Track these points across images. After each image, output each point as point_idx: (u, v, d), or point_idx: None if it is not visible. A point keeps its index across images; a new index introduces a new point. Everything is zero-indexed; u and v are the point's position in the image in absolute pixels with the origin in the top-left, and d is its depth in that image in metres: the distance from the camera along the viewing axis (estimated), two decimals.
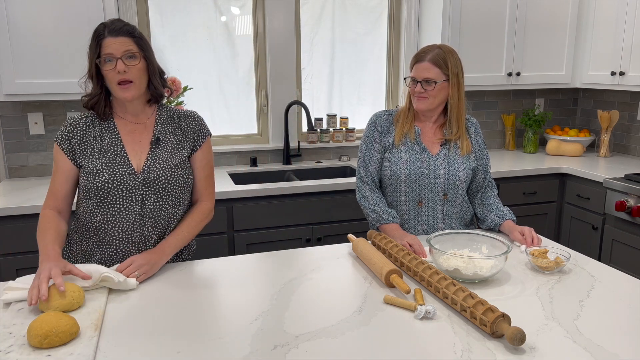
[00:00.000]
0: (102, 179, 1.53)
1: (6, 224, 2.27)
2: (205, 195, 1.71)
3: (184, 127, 1.66)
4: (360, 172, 1.95)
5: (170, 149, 1.62)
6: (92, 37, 1.53)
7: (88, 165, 1.55)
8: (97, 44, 1.51)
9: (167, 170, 1.59)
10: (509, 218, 1.87)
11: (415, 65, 1.83)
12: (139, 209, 1.57)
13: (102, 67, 1.51)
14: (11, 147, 2.78)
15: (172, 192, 1.60)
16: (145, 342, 1.15)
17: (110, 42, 1.49)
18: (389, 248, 1.60)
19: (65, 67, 2.49)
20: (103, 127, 1.59)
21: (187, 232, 1.63)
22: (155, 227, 1.60)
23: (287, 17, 3.07)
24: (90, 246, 1.62)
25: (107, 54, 1.49)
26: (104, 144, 1.57)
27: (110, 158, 1.56)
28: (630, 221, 2.62)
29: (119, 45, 1.50)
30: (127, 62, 1.50)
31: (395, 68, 3.43)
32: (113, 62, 1.50)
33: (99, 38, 1.50)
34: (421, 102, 1.83)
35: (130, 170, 1.56)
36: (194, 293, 1.40)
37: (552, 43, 3.27)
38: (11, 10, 2.38)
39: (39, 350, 1.09)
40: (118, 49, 1.49)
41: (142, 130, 1.62)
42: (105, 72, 1.52)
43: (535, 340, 1.14)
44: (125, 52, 1.50)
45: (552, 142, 3.41)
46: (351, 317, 1.26)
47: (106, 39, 1.50)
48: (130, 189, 1.55)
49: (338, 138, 3.30)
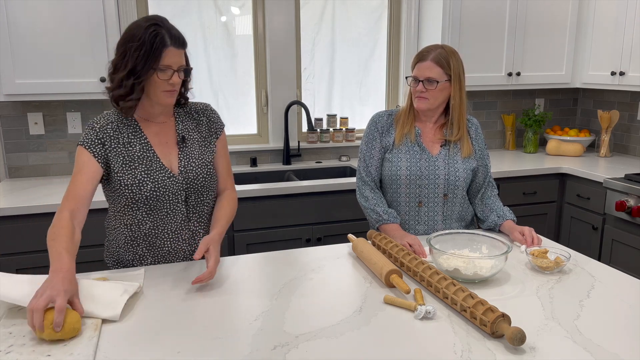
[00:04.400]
0: (147, 188, 1.53)
1: (6, 224, 2.27)
2: (229, 183, 1.74)
3: (205, 122, 1.67)
4: (360, 172, 1.95)
5: (198, 146, 1.63)
6: (149, 39, 1.43)
7: (125, 176, 1.52)
8: (160, 53, 1.44)
9: (203, 168, 1.62)
10: (509, 218, 1.87)
11: (418, 65, 1.83)
12: (184, 209, 1.60)
13: (157, 75, 1.46)
14: (11, 147, 2.78)
15: (210, 187, 1.65)
16: (145, 342, 1.15)
17: (172, 53, 1.46)
18: (389, 248, 1.60)
19: (65, 67, 2.49)
20: (129, 132, 1.56)
21: (226, 224, 1.62)
22: (200, 221, 1.65)
23: (287, 17, 3.07)
24: (139, 252, 1.63)
25: (167, 65, 1.46)
26: (135, 151, 1.54)
27: (147, 165, 1.54)
28: (630, 221, 2.62)
29: (179, 58, 1.48)
30: (180, 75, 1.50)
31: (395, 68, 3.43)
32: (168, 73, 1.47)
33: (163, 45, 1.44)
34: (422, 102, 1.83)
35: (169, 174, 1.56)
36: (194, 293, 1.39)
37: (552, 43, 3.27)
38: (11, 10, 2.38)
39: (39, 350, 1.09)
40: (177, 62, 1.48)
41: (166, 131, 1.61)
42: (155, 79, 1.47)
43: (535, 340, 1.14)
44: (181, 66, 1.50)
45: (552, 142, 3.41)
46: (351, 317, 1.25)
47: (169, 48, 1.45)
48: (174, 192, 1.57)
49: (338, 138, 3.30)
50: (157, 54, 1.44)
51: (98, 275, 1.50)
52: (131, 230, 1.60)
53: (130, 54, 1.44)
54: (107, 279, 1.42)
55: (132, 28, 1.48)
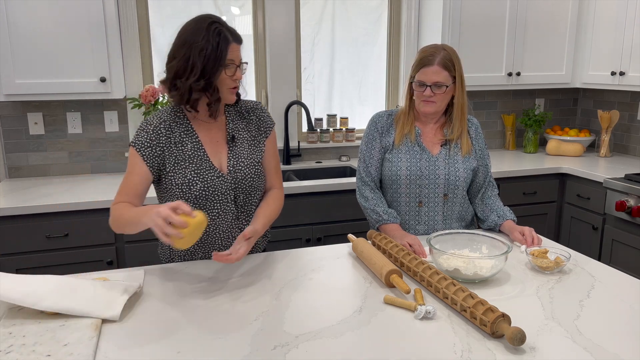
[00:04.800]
0: (196, 187, 1.54)
1: (6, 224, 2.27)
2: (277, 182, 1.74)
3: (254, 121, 1.68)
4: (360, 172, 1.95)
5: (247, 146, 1.64)
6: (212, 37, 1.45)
7: (176, 176, 1.54)
8: (226, 49, 1.47)
9: (252, 168, 1.62)
10: (509, 218, 1.87)
11: (423, 69, 1.79)
12: (234, 208, 1.61)
13: (225, 72, 1.48)
14: (11, 147, 2.78)
15: (259, 187, 1.66)
16: (145, 342, 1.15)
17: (234, 48, 1.50)
18: (389, 248, 1.60)
19: (65, 67, 2.49)
20: (182, 130, 1.57)
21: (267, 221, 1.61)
22: (249, 220, 1.65)
23: (287, 17, 3.07)
24: (191, 249, 1.65)
25: (231, 60, 1.49)
26: (186, 150, 1.55)
27: (197, 164, 1.55)
28: (630, 221, 2.62)
29: (239, 52, 1.52)
30: (242, 69, 1.53)
31: (395, 68, 3.43)
32: (233, 69, 1.50)
33: (227, 42, 1.47)
34: (430, 106, 1.82)
35: (218, 174, 1.57)
36: (194, 293, 1.39)
37: (552, 43, 3.27)
38: (11, 11, 2.38)
39: (39, 350, 1.09)
40: (238, 57, 1.52)
41: (217, 129, 1.61)
42: (223, 77, 1.49)
43: (535, 340, 1.14)
44: (241, 60, 1.53)
45: (552, 142, 3.41)
46: (351, 317, 1.25)
47: (232, 44, 1.49)
48: (223, 191, 1.58)
49: (338, 138, 3.30)
50: (223, 51, 1.46)
51: (98, 275, 1.50)
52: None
53: (196, 56, 1.45)
54: (107, 279, 1.42)
55: (190, 29, 1.49)
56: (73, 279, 1.35)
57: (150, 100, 2.72)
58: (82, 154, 2.89)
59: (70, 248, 2.37)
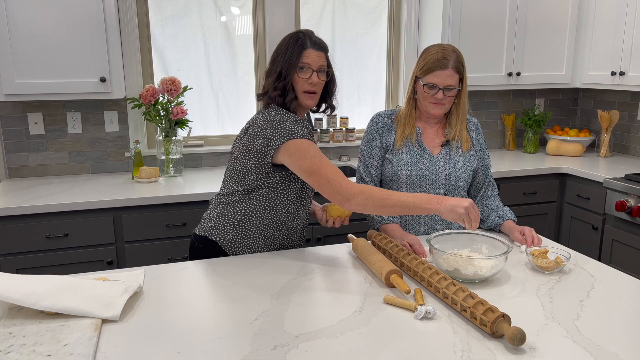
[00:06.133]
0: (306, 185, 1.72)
1: (6, 224, 2.28)
2: None
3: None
4: (360, 172, 1.95)
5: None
6: (291, 44, 1.62)
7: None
8: (300, 53, 1.61)
9: None
10: (509, 218, 1.87)
11: (437, 72, 1.77)
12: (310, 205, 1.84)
13: (297, 74, 1.62)
14: (11, 147, 2.78)
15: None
16: (145, 342, 1.15)
17: (311, 53, 1.62)
18: (389, 248, 1.60)
19: (65, 67, 2.49)
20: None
21: None
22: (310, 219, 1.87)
23: (287, 17, 3.07)
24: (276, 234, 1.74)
25: (306, 63, 1.62)
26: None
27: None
28: (630, 221, 2.62)
29: (318, 58, 1.64)
30: (319, 76, 1.64)
31: (395, 68, 3.43)
32: (308, 72, 1.63)
33: (302, 47, 1.62)
34: (440, 108, 1.83)
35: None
36: (194, 293, 1.40)
37: (552, 43, 3.27)
38: (11, 11, 2.38)
39: (39, 350, 1.09)
40: (316, 62, 1.63)
41: None
42: (296, 78, 1.63)
43: (535, 340, 1.14)
44: (321, 67, 1.65)
45: (552, 142, 3.41)
46: (351, 317, 1.26)
47: (308, 49, 1.62)
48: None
49: (338, 138, 3.30)
50: (297, 54, 1.61)
51: (98, 275, 1.50)
52: (285, 217, 1.72)
53: (279, 60, 1.65)
54: (107, 279, 1.42)
55: (281, 41, 1.68)
56: (73, 278, 1.35)
57: (150, 100, 2.72)
58: (82, 154, 2.89)
59: (70, 248, 2.37)
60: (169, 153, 2.83)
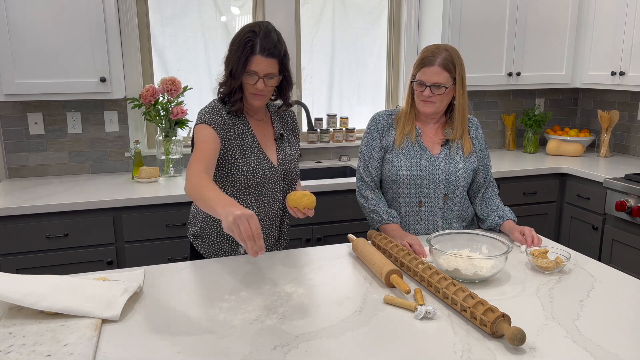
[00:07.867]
0: (258, 175, 1.68)
1: (6, 224, 2.28)
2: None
3: (290, 123, 1.86)
4: (360, 172, 1.95)
5: (289, 143, 1.82)
6: (242, 45, 1.58)
7: (242, 163, 1.67)
8: (247, 59, 1.58)
9: (294, 163, 1.81)
10: (509, 218, 1.87)
11: (424, 69, 1.79)
12: (282, 198, 1.78)
13: (244, 78, 1.62)
14: (11, 147, 2.78)
15: (296, 181, 1.84)
16: (145, 342, 1.15)
17: (259, 61, 1.59)
18: (389, 248, 1.60)
19: (65, 67, 2.49)
20: (241, 123, 1.70)
21: None
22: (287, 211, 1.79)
23: (287, 17, 3.07)
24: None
25: (252, 71, 1.60)
26: (247, 141, 1.69)
27: (256, 155, 1.70)
28: (630, 221, 2.62)
29: (266, 66, 1.60)
30: (266, 82, 1.62)
31: (395, 68, 3.43)
32: (254, 78, 1.61)
33: (251, 52, 1.58)
34: (429, 106, 1.82)
35: (271, 165, 1.72)
36: (194, 293, 1.39)
37: (552, 43, 3.27)
38: (11, 11, 2.38)
39: (39, 350, 1.09)
40: (263, 70, 1.60)
41: (264, 126, 1.77)
42: (244, 81, 1.63)
43: (535, 340, 1.14)
44: (268, 74, 1.61)
45: (552, 142, 3.41)
46: (351, 317, 1.25)
47: (256, 56, 1.58)
48: (275, 181, 1.74)
49: (338, 138, 3.30)
50: (244, 60, 1.58)
51: (98, 275, 1.50)
52: None
53: (231, 57, 1.63)
54: (107, 279, 1.42)
55: (239, 31, 1.65)
56: (73, 278, 1.35)
57: (150, 100, 2.72)
58: (82, 154, 2.89)
59: (70, 248, 2.37)
60: (169, 153, 2.83)
